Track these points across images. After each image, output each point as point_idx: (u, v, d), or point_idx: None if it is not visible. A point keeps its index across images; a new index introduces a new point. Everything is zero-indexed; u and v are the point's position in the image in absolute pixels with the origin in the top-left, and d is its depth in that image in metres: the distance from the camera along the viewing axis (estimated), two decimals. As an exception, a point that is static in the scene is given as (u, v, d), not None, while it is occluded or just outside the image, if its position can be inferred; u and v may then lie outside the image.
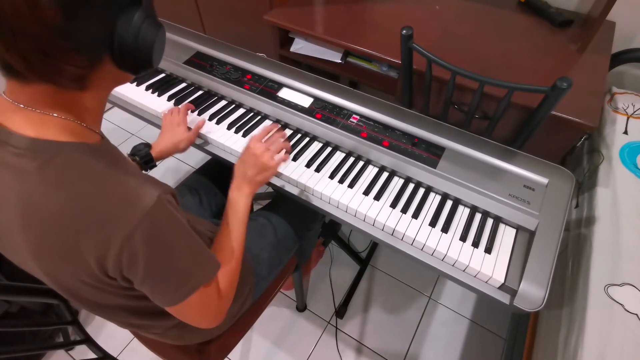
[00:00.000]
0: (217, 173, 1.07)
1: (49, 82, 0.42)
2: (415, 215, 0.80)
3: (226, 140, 0.94)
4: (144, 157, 0.85)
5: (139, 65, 0.48)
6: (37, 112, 0.44)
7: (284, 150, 0.84)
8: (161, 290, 0.51)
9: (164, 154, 0.89)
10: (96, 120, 0.51)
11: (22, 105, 0.43)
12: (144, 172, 0.85)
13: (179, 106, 0.99)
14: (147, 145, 0.88)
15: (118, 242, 0.43)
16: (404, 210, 0.81)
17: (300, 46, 1.39)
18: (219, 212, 1.04)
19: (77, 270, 0.47)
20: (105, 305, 0.56)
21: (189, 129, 0.94)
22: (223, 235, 0.68)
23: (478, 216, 0.81)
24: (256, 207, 1.10)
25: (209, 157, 1.05)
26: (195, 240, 0.53)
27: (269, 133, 0.85)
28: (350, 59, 1.37)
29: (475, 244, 0.75)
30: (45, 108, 0.44)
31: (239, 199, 0.72)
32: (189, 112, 0.99)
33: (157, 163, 0.88)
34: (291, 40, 1.42)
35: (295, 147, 0.93)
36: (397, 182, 0.87)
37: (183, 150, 0.92)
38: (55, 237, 0.44)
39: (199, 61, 1.12)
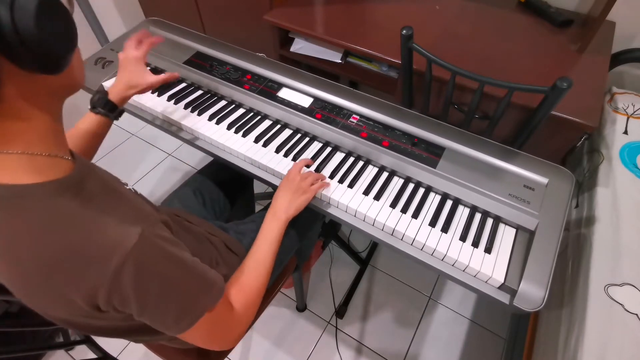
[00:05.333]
0: (219, 174, 1.07)
1: None
2: (415, 215, 0.80)
3: (226, 140, 0.94)
4: (105, 106, 0.75)
5: (39, 57, 0.37)
6: None
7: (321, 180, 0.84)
8: (162, 322, 0.48)
9: (122, 96, 0.79)
10: (58, 144, 0.44)
11: None
12: (116, 121, 0.78)
13: (136, 37, 0.84)
14: (104, 93, 0.77)
15: (105, 286, 0.41)
16: (404, 210, 0.80)
17: (300, 46, 1.39)
18: (222, 214, 1.04)
19: (67, 310, 0.45)
20: (102, 328, 0.54)
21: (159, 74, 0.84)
22: (251, 261, 0.67)
23: (478, 216, 0.80)
24: (257, 208, 1.10)
25: (210, 157, 1.05)
26: (192, 267, 0.50)
27: (302, 166, 0.84)
28: (350, 59, 1.37)
29: (475, 243, 0.75)
30: None
31: (273, 226, 0.72)
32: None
33: (123, 108, 0.80)
34: (291, 40, 1.42)
35: (294, 148, 0.93)
36: (397, 182, 0.87)
37: (140, 90, 0.81)
38: (39, 285, 0.42)
39: (198, 61, 1.12)
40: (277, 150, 0.92)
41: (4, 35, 0.35)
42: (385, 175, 0.88)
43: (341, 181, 0.86)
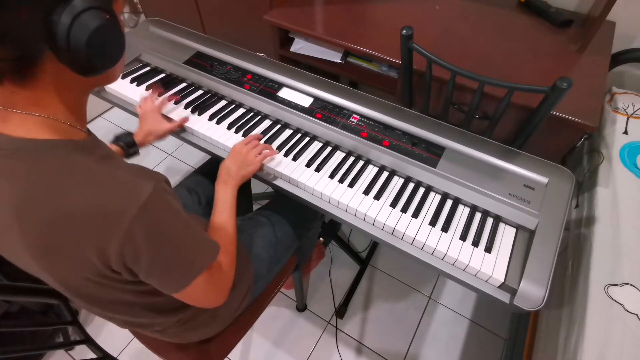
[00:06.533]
0: (216, 173, 1.07)
1: None
2: (415, 215, 0.80)
3: (226, 140, 0.94)
4: (127, 142, 0.88)
5: (78, 64, 0.42)
6: (16, 112, 0.43)
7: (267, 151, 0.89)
8: (167, 277, 0.51)
9: (143, 141, 0.91)
10: (79, 119, 0.49)
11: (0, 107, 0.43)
12: (128, 159, 0.87)
13: (152, 93, 1.02)
14: (130, 134, 0.90)
15: (118, 237, 0.43)
16: (404, 209, 0.81)
17: (300, 46, 1.39)
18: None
19: (80, 268, 0.47)
20: (108, 301, 0.56)
21: (170, 119, 0.97)
22: (218, 225, 0.72)
23: (478, 215, 0.81)
24: (256, 207, 1.10)
25: (208, 157, 1.05)
26: (193, 225, 0.53)
27: (251, 140, 0.89)
28: (350, 59, 1.37)
29: (475, 243, 0.75)
30: (20, 107, 0.43)
31: (227, 190, 0.78)
32: (173, 103, 1.01)
33: (139, 149, 0.91)
34: (291, 40, 1.42)
35: (295, 147, 0.93)
36: (397, 182, 0.87)
37: (160, 137, 0.94)
38: (53, 237, 0.44)
39: (199, 61, 1.12)
40: (278, 150, 0.92)
41: (56, 35, 0.39)
42: (385, 174, 0.88)
43: (341, 181, 0.86)
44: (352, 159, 0.91)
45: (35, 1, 0.38)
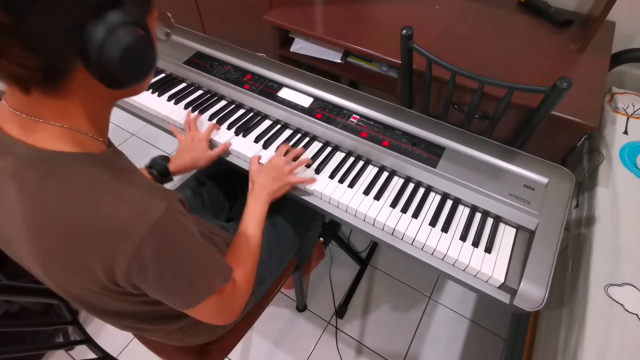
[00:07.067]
0: (219, 174, 1.07)
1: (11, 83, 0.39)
2: (415, 215, 0.80)
3: (226, 140, 0.94)
4: (161, 170, 0.84)
5: (108, 77, 0.42)
6: (35, 120, 0.42)
7: (306, 170, 0.87)
8: (174, 298, 0.51)
9: (183, 169, 0.87)
10: (100, 130, 0.48)
11: (17, 112, 0.42)
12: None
13: (196, 116, 0.97)
14: (166, 159, 0.85)
15: (126, 255, 0.43)
16: (404, 210, 0.81)
17: (300, 46, 1.39)
18: (221, 213, 1.04)
19: (85, 281, 0.47)
20: (112, 311, 0.56)
21: (212, 145, 0.92)
22: (241, 237, 0.71)
23: (478, 216, 0.80)
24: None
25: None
26: (205, 247, 0.52)
27: (289, 151, 0.87)
28: (350, 59, 1.37)
29: (475, 243, 0.75)
30: (40, 115, 0.42)
31: (258, 205, 0.77)
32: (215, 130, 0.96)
33: (174, 178, 0.87)
34: (291, 40, 1.42)
35: (294, 147, 0.93)
36: (397, 182, 0.87)
37: (203, 167, 0.90)
38: (61, 249, 0.44)
39: (199, 61, 1.12)
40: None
41: (88, 47, 0.38)
42: (385, 175, 0.88)
43: (341, 181, 0.86)
44: (352, 159, 0.91)
45: (67, 12, 0.37)
